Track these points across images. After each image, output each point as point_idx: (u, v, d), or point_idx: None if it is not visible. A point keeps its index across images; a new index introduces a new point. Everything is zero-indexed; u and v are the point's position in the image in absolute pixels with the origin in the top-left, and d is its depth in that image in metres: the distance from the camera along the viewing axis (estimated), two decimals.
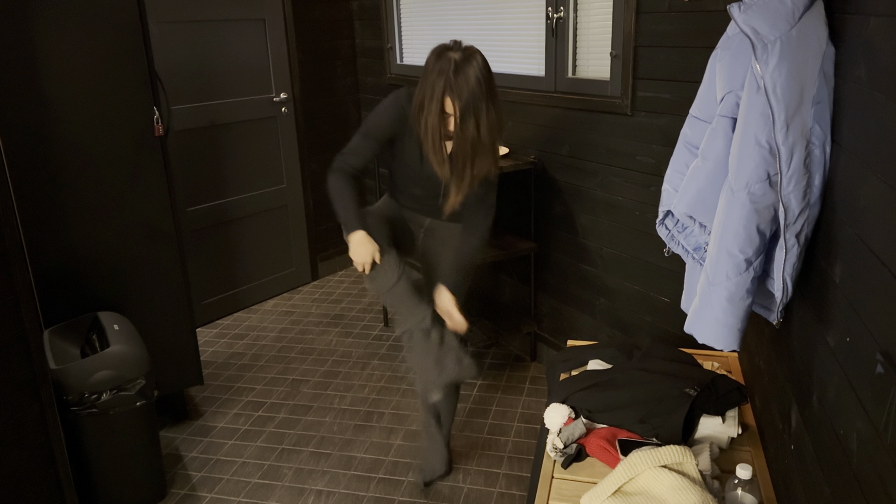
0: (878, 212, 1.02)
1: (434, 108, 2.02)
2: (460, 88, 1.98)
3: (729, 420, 1.69)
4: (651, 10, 2.40)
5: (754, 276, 1.41)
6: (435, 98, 2.01)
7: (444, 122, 2.06)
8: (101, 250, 2.55)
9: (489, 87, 2.05)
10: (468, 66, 1.99)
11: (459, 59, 2.00)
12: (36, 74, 2.30)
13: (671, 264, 2.53)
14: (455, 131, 2.06)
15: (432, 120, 2.04)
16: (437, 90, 2.00)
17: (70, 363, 2.20)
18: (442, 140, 2.09)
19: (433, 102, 2.02)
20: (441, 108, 2.03)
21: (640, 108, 2.53)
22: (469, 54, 2.02)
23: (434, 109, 2.02)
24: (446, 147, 2.13)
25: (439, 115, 2.03)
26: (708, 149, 1.51)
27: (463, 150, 2.09)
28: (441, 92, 2.00)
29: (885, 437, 0.94)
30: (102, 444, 2.25)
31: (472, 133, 2.05)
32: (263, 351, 3.56)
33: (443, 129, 2.07)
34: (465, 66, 1.99)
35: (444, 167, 2.14)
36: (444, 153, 2.12)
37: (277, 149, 4.06)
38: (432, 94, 2.01)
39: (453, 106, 2.01)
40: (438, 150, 2.10)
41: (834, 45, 1.28)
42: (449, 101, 2.01)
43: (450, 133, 2.08)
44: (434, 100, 2.01)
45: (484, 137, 2.08)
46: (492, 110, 2.07)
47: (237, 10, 3.71)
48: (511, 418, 2.91)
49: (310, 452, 2.72)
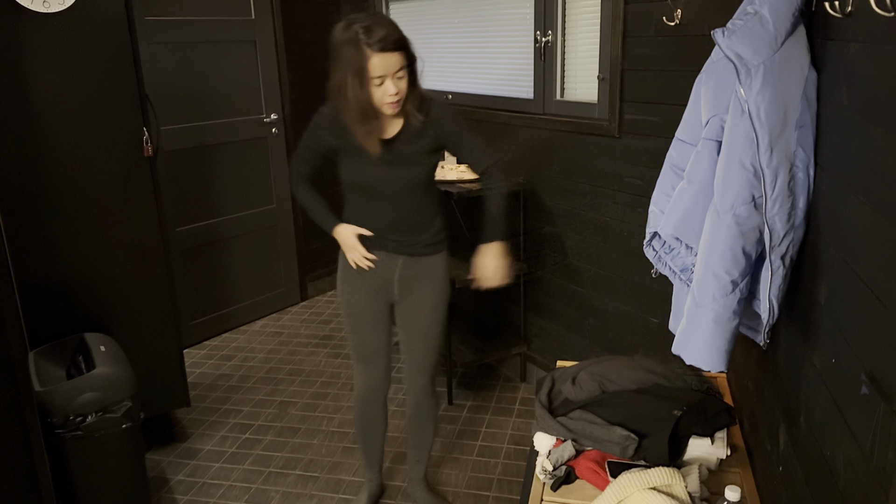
0: (861, 234, 1.03)
1: (358, 82, 1.86)
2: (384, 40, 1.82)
3: (718, 441, 1.69)
4: (637, 35, 2.43)
5: (741, 297, 1.42)
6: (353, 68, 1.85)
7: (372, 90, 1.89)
8: (89, 270, 2.53)
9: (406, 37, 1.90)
10: (379, 21, 1.85)
11: (366, 21, 1.85)
12: (26, 94, 2.30)
13: (659, 285, 2.54)
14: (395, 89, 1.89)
15: (358, 95, 1.88)
16: (356, 59, 1.84)
17: (55, 385, 2.18)
18: (370, 117, 1.93)
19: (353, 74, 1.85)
20: (367, 79, 1.86)
21: (627, 130, 2.55)
22: (373, 15, 1.91)
23: (358, 83, 1.86)
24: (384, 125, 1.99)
25: (365, 83, 1.87)
26: (693, 171, 1.52)
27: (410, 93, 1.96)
28: (362, 58, 1.83)
29: (871, 458, 0.95)
30: (87, 467, 2.22)
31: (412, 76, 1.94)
32: (251, 372, 3.53)
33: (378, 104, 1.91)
34: (375, 24, 1.84)
35: (370, 139, 1.98)
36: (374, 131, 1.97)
37: (267, 169, 4.07)
38: (352, 65, 1.85)
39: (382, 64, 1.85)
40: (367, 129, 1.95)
41: (816, 70, 1.30)
42: (375, 64, 1.84)
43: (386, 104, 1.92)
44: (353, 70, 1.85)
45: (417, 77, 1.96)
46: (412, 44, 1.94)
47: (228, 32, 3.74)
48: (501, 440, 2.89)
49: (297, 475, 2.70)
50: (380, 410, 2.38)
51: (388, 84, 1.88)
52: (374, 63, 1.84)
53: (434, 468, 2.71)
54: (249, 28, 3.84)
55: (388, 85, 1.88)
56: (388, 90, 1.89)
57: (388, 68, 1.86)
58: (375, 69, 1.85)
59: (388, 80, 1.88)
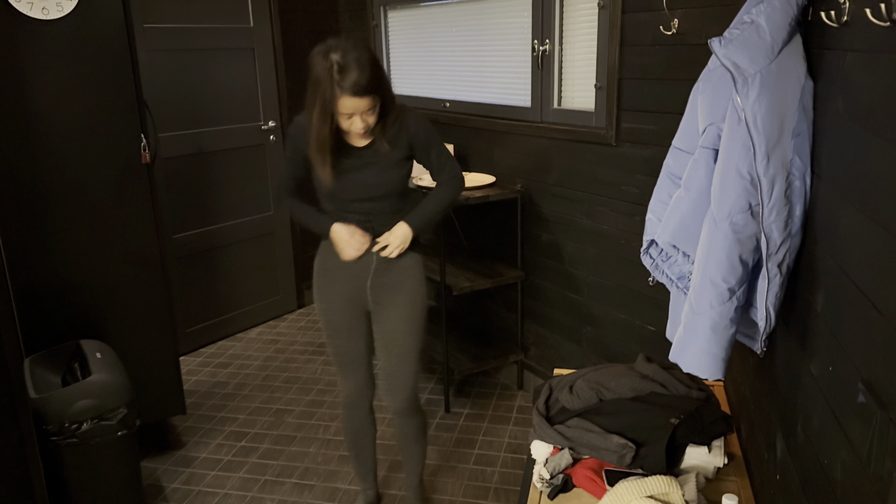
0: (857, 242, 1.04)
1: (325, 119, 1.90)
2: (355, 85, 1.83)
3: (715, 450, 1.69)
4: (635, 44, 2.44)
5: (737, 305, 1.42)
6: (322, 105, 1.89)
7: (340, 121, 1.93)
8: (85, 277, 2.53)
9: (380, 72, 1.92)
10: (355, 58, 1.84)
11: (342, 58, 1.84)
12: (24, 100, 2.30)
13: (656, 293, 2.54)
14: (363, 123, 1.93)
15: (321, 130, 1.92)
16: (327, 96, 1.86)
17: (51, 392, 2.17)
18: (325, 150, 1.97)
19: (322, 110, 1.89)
20: (335, 116, 1.91)
21: (624, 138, 2.56)
22: (351, 48, 1.86)
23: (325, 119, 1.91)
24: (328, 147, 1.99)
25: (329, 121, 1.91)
26: (690, 179, 1.53)
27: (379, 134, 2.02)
28: (333, 98, 1.86)
29: (869, 466, 0.95)
30: (82, 474, 2.21)
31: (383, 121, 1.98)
32: (248, 380, 3.52)
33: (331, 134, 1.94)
34: (350, 61, 1.84)
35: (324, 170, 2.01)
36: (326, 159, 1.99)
37: (265, 176, 4.07)
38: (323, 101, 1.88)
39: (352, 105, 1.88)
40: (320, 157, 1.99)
41: (812, 79, 1.31)
42: (345, 104, 1.87)
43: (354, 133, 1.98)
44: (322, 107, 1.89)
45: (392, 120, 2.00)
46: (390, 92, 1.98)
47: (226, 39, 3.74)
48: (498, 448, 2.89)
49: (293, 483, 2.69)
50: (366, 417, 2.37)
51: (357, 119, 1.92)
52: (343, 103, 1.87)
53: (431, 477, 2.71)
54: (248, 36, 3.85)
55: (356, 120, 1.92)
56: (355, 124, 1.93)
57: (357, 108, 1.89)
58: (345, 108, 1.89)
59: (356, 116, 1.91)
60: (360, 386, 2.31)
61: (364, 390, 2.32)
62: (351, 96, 1.85)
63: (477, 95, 3.40)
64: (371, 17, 3.99)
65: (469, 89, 3.46)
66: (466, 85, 3.47)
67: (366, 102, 1.88)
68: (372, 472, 2.49)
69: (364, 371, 2.30)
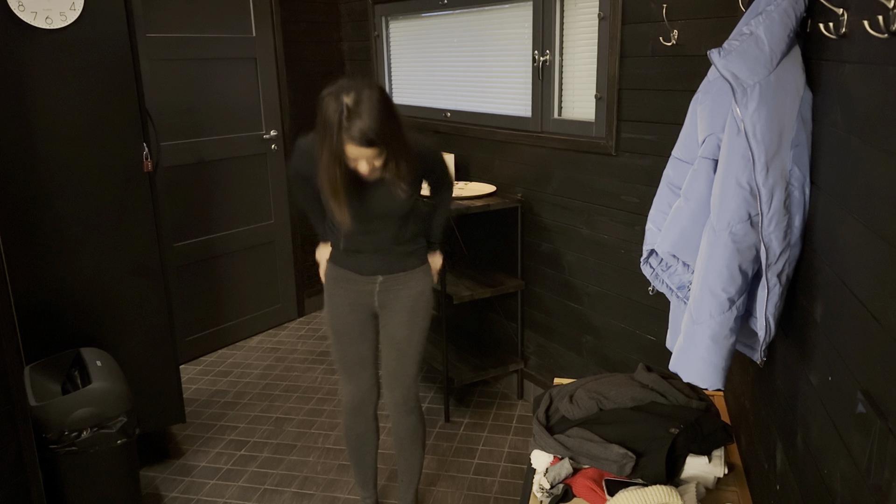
0: (856, 252, 1.04)
1: (334, 163, 1.90)
2: (361, 134, 1.81)
3: (715, 460, 1.69)
4: (634, 55, 2.45)
5: (737, 315, 1.42)
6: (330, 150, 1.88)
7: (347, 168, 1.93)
8: (86, 285, 2.53)
9: (390, 119, 1.87)
10: (362, 105, 1.81)
11: (352, 104, 1.81)
12: (27, 109, 2.31)
13: (656, 302, 2.54)
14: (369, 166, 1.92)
15: (331, 173, 1.92)
16: (334, 141, 1.85)
17: (50, 400, 2.17)
18: (339, 193, 1.97)
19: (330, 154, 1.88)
20: (343, 160, 1.90)
21: (624, 148, 2.57)
22: (361, 93, 1.83)
23: (334, 164, 1.90)
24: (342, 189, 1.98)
25: (339, 163, 1.90)
26: (690, 189, 1.53)
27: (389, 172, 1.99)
28: (339, 144, 1.85)
29: (868, 477, 0.95)
30: (81, 483, 2.20)
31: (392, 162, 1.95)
32: (247, 388, 3.52)
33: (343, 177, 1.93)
34: (359, 108, 1.81)
35: (341, 212, 2.01)
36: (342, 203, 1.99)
37: (266, 185, 4.08)
38: (330, 146, 1.87)
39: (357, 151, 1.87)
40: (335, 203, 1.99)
41: (811, 90, 1.32)
42: (351, 150, 1.86)
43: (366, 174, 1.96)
44: (330, 151, 1.88)
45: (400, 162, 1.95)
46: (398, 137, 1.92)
47: (229, 49, 3.76)
48: (498, 458, 2.88)
49: (293, 493, 2.68)
50: (369, 423, 2.38)
51: (362, 163, 1.91)
52: (349, 149, 1.86)
53: (430, 486, 2.70)
54: (250, 45, 3.87)
55: (362, 164, 1.91)
56: (361, 166, 1.92)
57: (363, 155, 1.88)
58: (351, 153, 1.88)
59: (362, 160, 1.90)
60: (362, 391, 2.31)
61: (367, 395, 2.32)
62: (357, 145, 1.84)
63: (478, 105, 3.41)
64: (373, 28, 4.01)
65: (470, 99, 3.47)
66: (467, 95, 3.48)
67: (372, 152, 1.87)
68: (372, 480, 2.48)
69: (368, 376, 2.30)
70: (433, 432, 3.06)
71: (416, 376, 2.30)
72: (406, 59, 3.91)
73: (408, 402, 2.30)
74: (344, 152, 1.87)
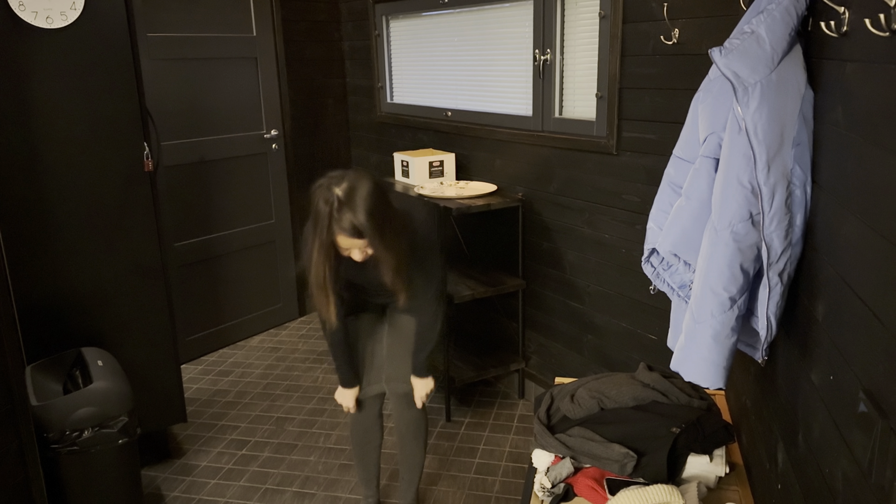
0: (858, 251, 1.04)
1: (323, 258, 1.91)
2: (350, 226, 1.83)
3: (716, 459, 1.68)
4: (635, 54, 2.45)
5: (739, 314, 1.42)
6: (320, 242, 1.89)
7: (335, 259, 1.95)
8: (87, 285, 2.53)
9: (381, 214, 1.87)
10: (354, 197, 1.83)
11: (344, 196, 1.83)
12: (28, 109, 2.31)
13: (658, 302, 2.54)
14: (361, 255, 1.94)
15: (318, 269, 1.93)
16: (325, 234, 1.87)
17: (52, 400, 2.17)
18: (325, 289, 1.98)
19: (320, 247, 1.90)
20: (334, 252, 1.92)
21: (625, 147, 2.57)
22: (353, 186, 1.84)
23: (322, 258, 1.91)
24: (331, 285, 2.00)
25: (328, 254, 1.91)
26: (691, 188, 1.53)
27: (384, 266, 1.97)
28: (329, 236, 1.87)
29: (870, 476, 0.94)
30: (82, 482, 2.20)
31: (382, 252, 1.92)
32: (248, 388, 3.52)
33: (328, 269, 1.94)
34: (351, 200, 1.83)
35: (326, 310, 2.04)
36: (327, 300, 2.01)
37: (267, 185, 4.08)
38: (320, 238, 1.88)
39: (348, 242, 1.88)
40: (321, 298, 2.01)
41: (812, 89, 1.32)
42: (341, 241, 1.88)
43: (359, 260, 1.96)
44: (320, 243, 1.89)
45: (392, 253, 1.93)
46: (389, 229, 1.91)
47: (230, 48, 3.76)
48: (499, 457, 2.88)
49: (294, 492, 2.68)
50: (375, 420, 2.39)
51: (355, 252, 1.93)
52: (340, 240, 1.88)
53: (431, 485, 2.70)
54: (250, 45, 3.86)
55: (356, 253, 1.93)
56: (354, 255, 1.94)
57: (354, 245, 1.90)
58: (342, 243, 1.89)
59: (354, 250, 1.92)
60: None
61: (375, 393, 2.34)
62: (348, 237, 1.86)
63: (478, 105, 3.41)
64: (373, 27, 4.00)
65: (471, 99, 3.47)
66: (468, 94, 3.48)
67: (363, 242, 1.88)
68: (375, 478, 2.49)
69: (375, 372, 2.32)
70: (434, 432, 3.06)
71: None
72: (406, 58, 3.91)
73: (409, 394, 2.32)
74: (335, 243, 1.89)
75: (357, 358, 2.30)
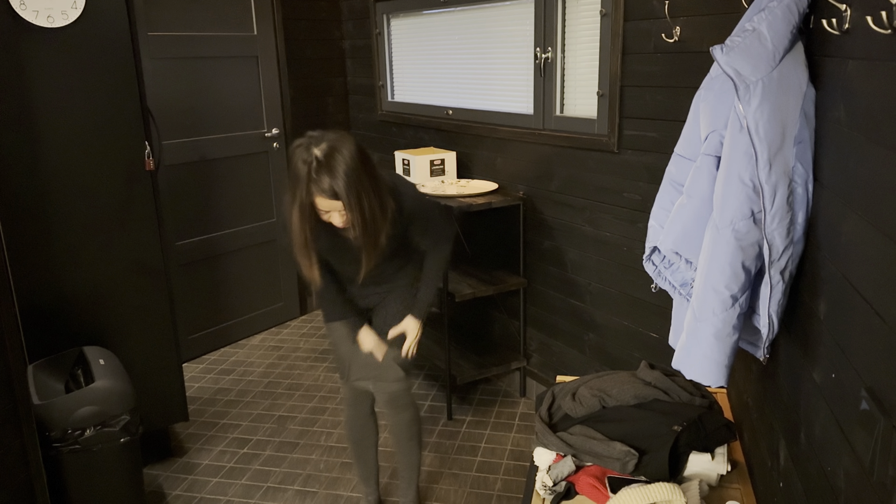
0: (860, 249, 1.04)
1: (303, 218, 1.89)
2: (329, 188, 1.81)
3: (718, 457, 1.68)
4: (637, 52, 2.45)
5: (740, 312, 1.42)
6: (299, 203, 1.87)
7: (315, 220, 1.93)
8: (89, 284, 2.53)
9: (360, 174, 1.84)
10: (333, 159, 1.81)
11: (323, 157, 1.81)
12: (29, 108, 2.31)
13: (659, 300, 2.54)
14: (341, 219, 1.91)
15: (297, 225, 1.91)
16: (304, 195, 1.85)
17: (54, 398, 2.17)
18: (307, 248, 1.96)
19: (300, 208, 1.87)
20: (313, 213, 1.90)
21: (626, 146, 2.57)
22: (331, 148, 1.82)
23: (303, 219, 1.89)
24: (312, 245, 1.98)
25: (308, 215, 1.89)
26: (693, 186, 1.53)
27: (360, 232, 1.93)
28: (308, 196, 1.85)
29: (872, 474, 0.94)
30: (85, 481, 2.21)
31: (360, 218, 1.88)
32: (250, 387, 3.52)
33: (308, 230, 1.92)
34: (330, 161, 1.80)
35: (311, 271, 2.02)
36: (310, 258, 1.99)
37: (268, 184, 4.08)
38: (300, 199, 1.86)
39: (327, 204, 1.86)
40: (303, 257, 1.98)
41: (814, 86, 1.31)
42: (320, 202, 1.86)
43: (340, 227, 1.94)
44: (299, 205, 1.87)
45: (370, 220, 1.90)
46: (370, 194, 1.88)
47: (230, 47, 3.76)
48: (500, 455, 2.88)
49: (295, 491, 2.68)
50: (368, 417, 2.40)
51: (334, 216, 1.89)
52: (319, 201, 1.86)
53: (433, 484, 2.70)
54: (251, 44, 3.86)
55: (334, 217, 1.90)
56: (334, 220, 1.90)
57: (333, 207, 1.87)
58: (321, 205, 1.87)
59: (333, 213, 1.89)
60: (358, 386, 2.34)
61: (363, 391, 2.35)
62: (326, 198, 1.83)
63: (479, 103, 3.41)
64: (374, 26, 4.00)
65: (471, 97, 3.47)
66: (469, 92, 3.48)
67: (341, 204, 1.84)
68: (374, 476, 2.49)
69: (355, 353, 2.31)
70: (435, 430, 3.07)
71: (407, 367, 2.30)
72: (408, 56, 3.91)
73: (399, 396, 2.30)
74: (314, 205, 1.86)
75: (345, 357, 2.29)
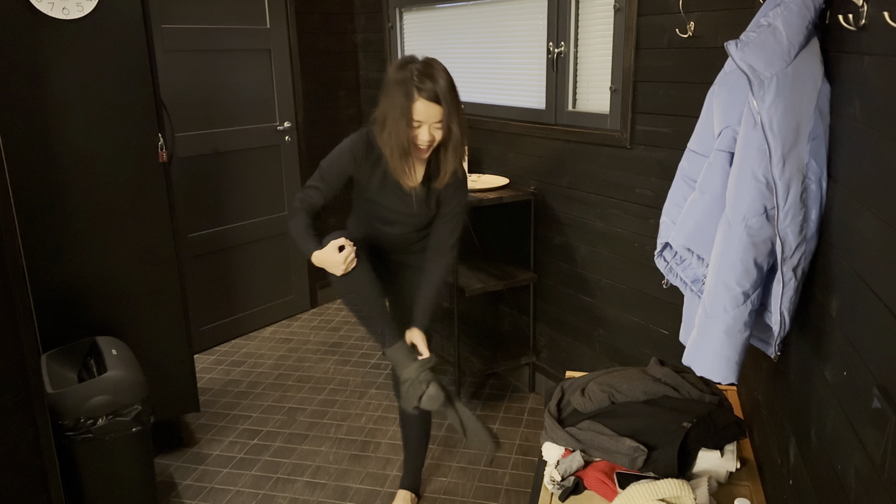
0: (873, 247, 1.03)
1: (402, 120, 1.94)
2: (432, 90, 1.93)
3: (727, 454, 1.68)
4: (650, 47, 2.44)
5: (752, 309, 1.41)
6: (399, 107, 1.93)
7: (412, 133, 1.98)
8: (102, 275, 2.55)
9: (455, 91, 2.01)
10: (434, 70, 1.96)
11: (422, 67, 1.96)
12: (43, 99, 2.33)
13: (670, 296, 2.53)
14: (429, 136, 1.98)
15: (399, 132, 1.96)
16: (403, 99, 1.93)
17: (66, 388, 2.19)
18: (408, 154, 2.00)
19: (398, 112, 1.94)
20: (409, 119, 1.95)
21: (638, 141, 2.56)
22: (431, 61, 1.99)
23: (401, 121, 1.94)
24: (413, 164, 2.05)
25: (408, 126, 1.95)
26: (706, 182, 1.52)
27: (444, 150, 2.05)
28: (408, 100, 1.92)
29: (883, 472, 0.94)
30: (97, 470, 2.23)
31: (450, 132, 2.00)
32: (261, 378, 3.54)
33: (411, 142, 1.98)
34: (431, 71, 1.95)
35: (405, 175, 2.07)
36: (410, 168, 2.04)
37: (280, 177, 4.09)
38: (399, 103, 1.93)
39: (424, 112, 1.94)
40: (403, 166, 2.02)
41: (829, 82, 1.30)
42: (418, 109, 1.93)
43: (418, 145, 2.00)
44: (399, 109, 1.93)
45: (458, 139, 2.03)
46: (461, 113, 2.03)
47: (243, 40, 3.77)
48: (509, 450, 2.88)
49: (305, 482, 2.70)
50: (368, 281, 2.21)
51: (424, 130, 1.97)
52: (417, 107, 1.93)
53: (441, 477, 2.71)
54: (264, 37, 3.87)
55: (424, 131, 1.97)
56: (422, 135, 1.97)
57: (429, 117, 1.95)
58: (417, 113, 1.94)
59: (424, 127, 1.96)
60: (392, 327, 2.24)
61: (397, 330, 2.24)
62: (427, 100, 1.92)
63: (491, 97, 3.40)
64: (386, 19, 4.00)
65: (484, 91, 3.46)
66: (481, 87, 3.47)
67: (438, 111, 1.94)
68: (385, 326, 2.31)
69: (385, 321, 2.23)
70: (444, 424, 3.07)
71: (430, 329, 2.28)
72: (420, 50, 3.88)
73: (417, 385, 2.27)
74: (410, 112, 1.93)
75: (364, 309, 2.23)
